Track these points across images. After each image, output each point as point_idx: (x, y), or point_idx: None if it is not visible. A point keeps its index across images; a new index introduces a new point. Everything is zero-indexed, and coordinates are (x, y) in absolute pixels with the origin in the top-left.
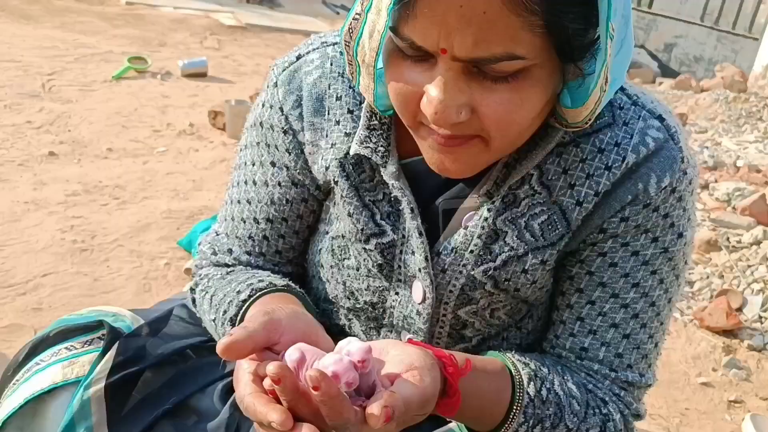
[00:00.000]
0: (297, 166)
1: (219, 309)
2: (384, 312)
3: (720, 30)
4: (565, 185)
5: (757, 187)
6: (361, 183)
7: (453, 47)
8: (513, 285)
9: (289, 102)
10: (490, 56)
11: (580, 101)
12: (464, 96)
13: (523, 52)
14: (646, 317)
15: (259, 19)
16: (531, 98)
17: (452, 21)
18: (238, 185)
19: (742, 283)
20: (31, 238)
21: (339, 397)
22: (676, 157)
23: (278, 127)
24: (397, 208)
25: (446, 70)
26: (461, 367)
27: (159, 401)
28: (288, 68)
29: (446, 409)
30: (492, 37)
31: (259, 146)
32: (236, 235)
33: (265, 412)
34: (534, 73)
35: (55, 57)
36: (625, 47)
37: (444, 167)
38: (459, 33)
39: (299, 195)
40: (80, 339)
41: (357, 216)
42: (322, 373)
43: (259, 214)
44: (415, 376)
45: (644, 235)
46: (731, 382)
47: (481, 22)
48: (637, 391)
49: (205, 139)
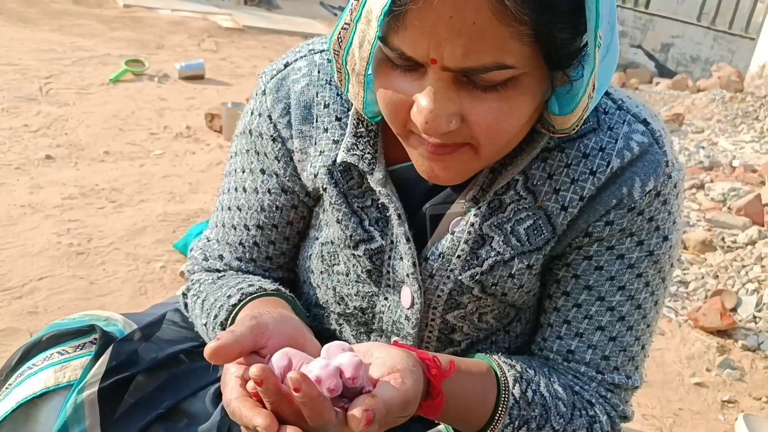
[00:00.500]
0: (286, 174)
1: (210, 314)
2: (373, 317)
3: (717, 30)
4: (551, 190)
5: (753, 187)
6: (350, 190)
7: (443, 57)
8: (500, 289)
9: (278, 110)
10: (480, 66)
11: (568, 108)
12: (454, 105)
13: (512, 62)
14: (632, 320)
15: (256, 21)
16: (520, 106)
17: (442, 32)
18: (228, 192)
19: (736, 283)
20: (27, 241)
21: (319, 399)
22: (660, 161)
23: (267, 134)
24: (385, 215)
25: (436, 80)
26: (445, 369)
27: (152, 405)
28: (276, 76)
29: (429, 411)
30: (482, 47)
31: (248, 154)
32: (227, 242)
33: (250, 416)
34: (523, 81)
35: (52, 60)
36: (611, 53)
37: (434, 175)
38: (449, 43)
39: (289, 202)
40: (72, 343)
41: (346, 222)
42: (303, 376)
43: (250, 221)
44: (396, 379)
45: (629, 239)
46: (725, 382)
47: (470, 33)
48: (624, 393)
49: (201, 141)
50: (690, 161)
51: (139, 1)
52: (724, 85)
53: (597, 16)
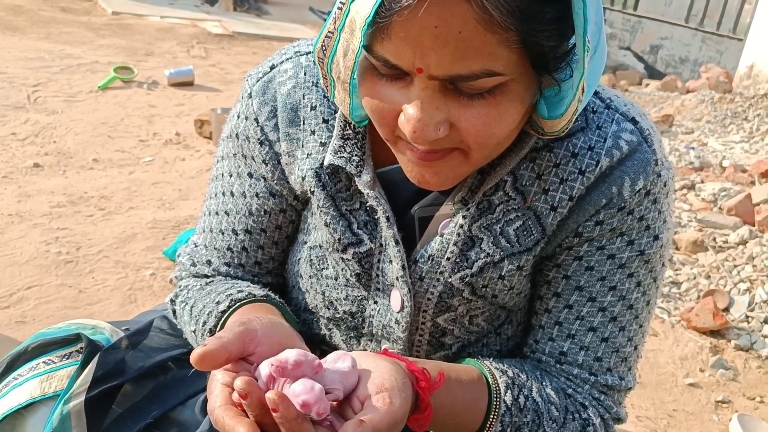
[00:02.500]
0: (274, 177)
1: (198, 320)
2: (363, 321)
3: (705, 31)
4: (540, 190)
5: (743, 187)
6: (338, 193)
7: (430, 66)
8: (490, 291)
9: (264, 113)
10: (468, 74)
11: (557, 112)
12: (442, 113)
13: (500, 69)
14: (624, 320)
15: (245, 27)
16: (509, 111)
17: (428, 42)
18: (215, 196)
19: (728, 283)
20: (15, 250)
21: (297, 421)
22: (649, 159)
23: (254, 138)
24: (373, 217)
25: (422, 89)
26: (434, 381)
27: (140, 414)
28: (262, 79)
29: (417, 425)
30: (469, 55)
31: (235, 157)
32: (215, 247)
33: (233, 425)
34: (510, 87)
35: (40, 68)
36: (599, 53)
37: (424, 180)
38: (435, 53)
39: (277, 206)
40: (58, 353)
41: (334, 226)
42: (281, 396)
43: (238, 226)
44: (385, 399)
45: (620, 239)
46: (719, 382)
47: (457, 42)
48: (617, 395)
49: (191, 148)
50: (680, 162)
51: (127, 9)
52: (713, 86)
53: (585, 21)
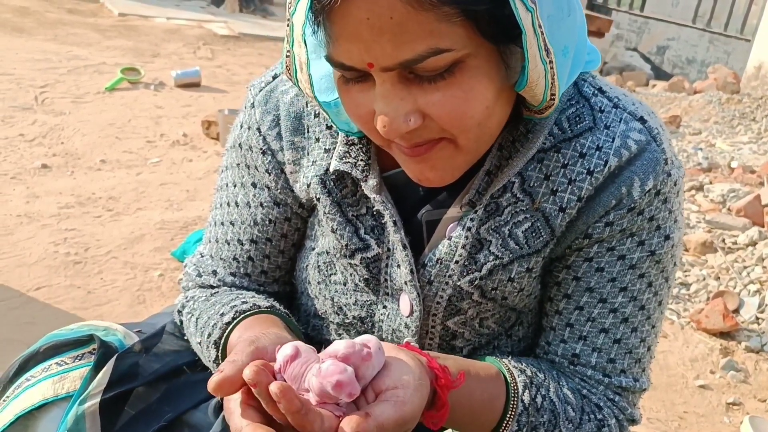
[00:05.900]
0: (278, 186)
1: (204, 332)
2: (373, 326)
3: (712, 32)
4: (548, 191)
5: (752, 188)
6: (344, 198)
7: (377, 59)
8: (500, 294)
9: (267, 122)
10: (415, 56)
11: (525, 80)
12: (407, 103)
13: (447, 45)
14: (636, 321)
15: (251, 28)
16: (475, 88)
17: (365, 35)
18: (220, 207)
19: (738, 284)
20: (24, 251)
21: (301, 412)
22: (659, 159)
23: (257, 147)
24: (380, 222)
25: (381, 83)
26: (454, 379)
27: (153, 417)
28: (264, 88)
29: (432, 423)
30: (409, 38)
31: (239, 167)
32: (221, 257)
33: None
34: (469, 63)
35: (47, 69)
36: (573, 14)
37: (424, 176)
38: (376, 44)
39: (282, 215)
40: (71, 354)
41: (341, 232)
42: (283, 388)
43: (243, 236)
44: (398, 396)
45: (630, 239)
46: (729, 384)
47: (392, 28)
48: (631, 396)
49: (198, 149)
50: (688, 163)
51: (134, 10)
52: (721, 87)
53: None
